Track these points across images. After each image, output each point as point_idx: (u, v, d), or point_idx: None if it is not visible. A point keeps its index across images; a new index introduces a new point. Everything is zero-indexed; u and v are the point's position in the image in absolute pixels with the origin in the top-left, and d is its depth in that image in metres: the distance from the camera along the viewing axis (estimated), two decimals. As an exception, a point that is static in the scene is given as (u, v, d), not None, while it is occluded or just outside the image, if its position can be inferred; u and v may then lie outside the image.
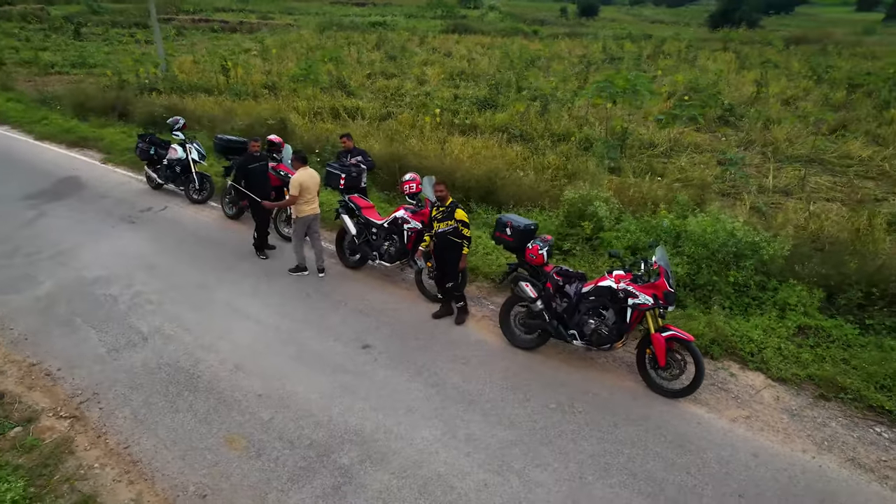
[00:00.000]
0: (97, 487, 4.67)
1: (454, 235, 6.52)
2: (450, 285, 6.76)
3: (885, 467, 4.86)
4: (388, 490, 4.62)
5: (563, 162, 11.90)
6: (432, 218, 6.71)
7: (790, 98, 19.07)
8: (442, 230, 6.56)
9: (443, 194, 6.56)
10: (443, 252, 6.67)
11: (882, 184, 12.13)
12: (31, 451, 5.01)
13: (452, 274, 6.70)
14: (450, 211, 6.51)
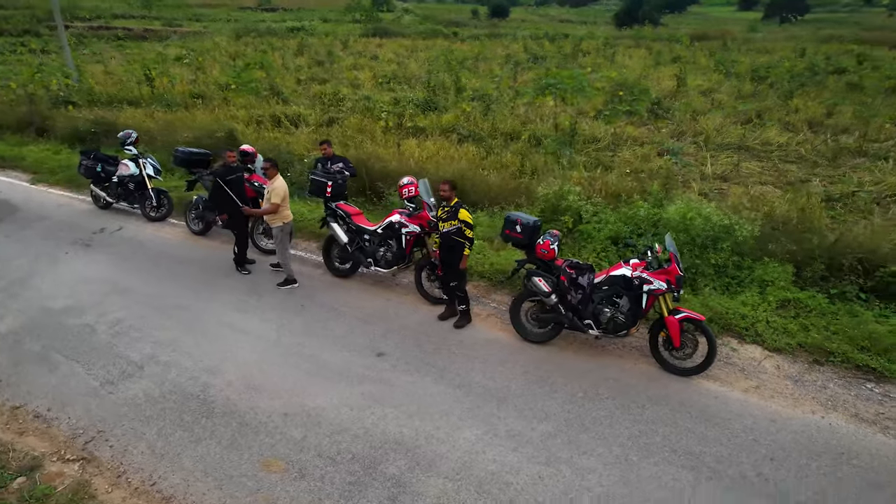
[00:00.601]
0: (134, 530, 4.32)
1: (457, 236, 6.55)
2: (453, 285, 6.77)
3: (884, 419, 5.37)
4: (446, 494, 4.58)
5: (519, 160, 12.14)
6: (437, 218, 6.70)
7: (706, 91, 20.52)
8: (446, 230, 6.57)
9: (447, 194, 6.57)
10: (446, 252, 6.69)
11: (802, 166, 13.26)
12: (44, 500, 4.55)
13: (455, 274, 6.72)
14: (454, 211, 6.53)
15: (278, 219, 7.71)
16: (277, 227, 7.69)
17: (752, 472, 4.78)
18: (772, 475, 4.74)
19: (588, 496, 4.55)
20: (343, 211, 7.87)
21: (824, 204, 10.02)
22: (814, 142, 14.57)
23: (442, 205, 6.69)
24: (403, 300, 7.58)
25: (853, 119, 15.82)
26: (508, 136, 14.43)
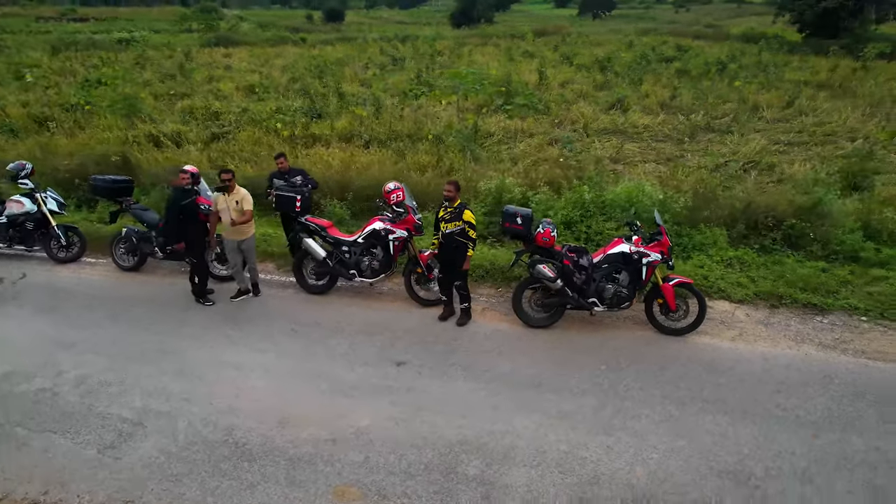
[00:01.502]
0: None
1: (461, 236, 6.61)
2: (457, 284, 6.83)
3: (840, 342, 6.45)
4: (533, 481, 4.69)
5: (436, 159, 12.34)
6: (439, 219, 6.70)
7: (564, 82, 22.38)
8: (450, 231, 6.60)
9: (451, 195, 6.59)
10: (450, 253, 6.71)
11: (670, 144, 15.07)
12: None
13: (460, 274, 6.78)
14: (458, 212, 6.58)
15: (249, 229, 7.23)
16: (244, 239, 7.23)
17: (771, 405, 5.49)
18: (786, 404, 5.49)
19: (657, 454, 4.93)
20: (315, 224, 7.52)
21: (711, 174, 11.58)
22: (672, 122, 16.65)
23: (444, 205, 6.70)
24: (395, 307, 7.45)
25: (693, 100, 18.28)
26: (408, 138, 14.47)
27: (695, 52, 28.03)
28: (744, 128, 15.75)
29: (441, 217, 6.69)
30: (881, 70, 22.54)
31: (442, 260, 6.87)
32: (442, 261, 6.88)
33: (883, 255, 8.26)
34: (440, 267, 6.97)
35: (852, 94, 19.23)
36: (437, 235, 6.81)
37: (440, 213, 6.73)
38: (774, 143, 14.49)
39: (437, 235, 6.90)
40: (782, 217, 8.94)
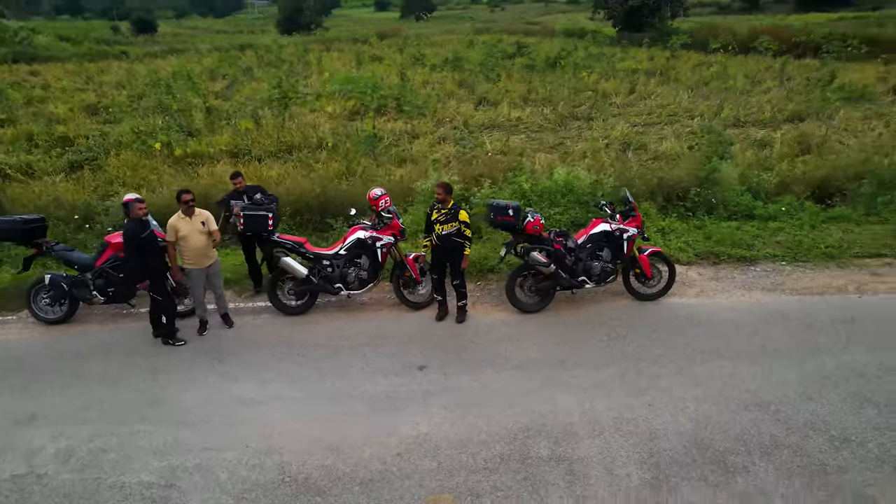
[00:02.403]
0: None
1: (458, 236, 6.69)
2: (456, 283, 6.89)
3: (777, 285, 7.64)
4: (605, 447, 4.98)
5: (344, 166, 12.13)
6: (433, 221, 6.68)
7: (425, 82, 23.07)
8: (446, 232, 6.64)
9: (443, 197, 6.63)
10: (447, 253, 6.76)
11: (546, 134, 16.27)
12: None
13: (458, 273, 6.85)
14: (453, 213, 6.64)
15: (214, 253, 6.70)
16: (212, 264, 6.71)
17: (753, 345, 6.38)
18: (764, 342, 6.42)
19: (691, 403, 5.49)
20: (291, 242, 7.09)
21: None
22: (539, 113, 17.98)
23: (436, 207, 6.71)
24: (385, 315, 7.31)
25: (550, 92, 19.93)
26: (299, 148, 13.95)
27: (533, 48, 30.19)
28: (602, 114, 17.45)
29: (435, 219, 6.71)
30: (686, 58, 26.31)
31: (437, 261, 6.89)
32: (437, 262, 6.90)
33: (770, 209, 9.85)
34: (434, 268, 6.97)
35: (675, 79, 22.24)
36: (429, 238, 6.85)
37: (433, 216, 6.74)
38: (633, 126, 16.29)
39: (427, 238, 6.92)
40: (687, 187, 10.26)
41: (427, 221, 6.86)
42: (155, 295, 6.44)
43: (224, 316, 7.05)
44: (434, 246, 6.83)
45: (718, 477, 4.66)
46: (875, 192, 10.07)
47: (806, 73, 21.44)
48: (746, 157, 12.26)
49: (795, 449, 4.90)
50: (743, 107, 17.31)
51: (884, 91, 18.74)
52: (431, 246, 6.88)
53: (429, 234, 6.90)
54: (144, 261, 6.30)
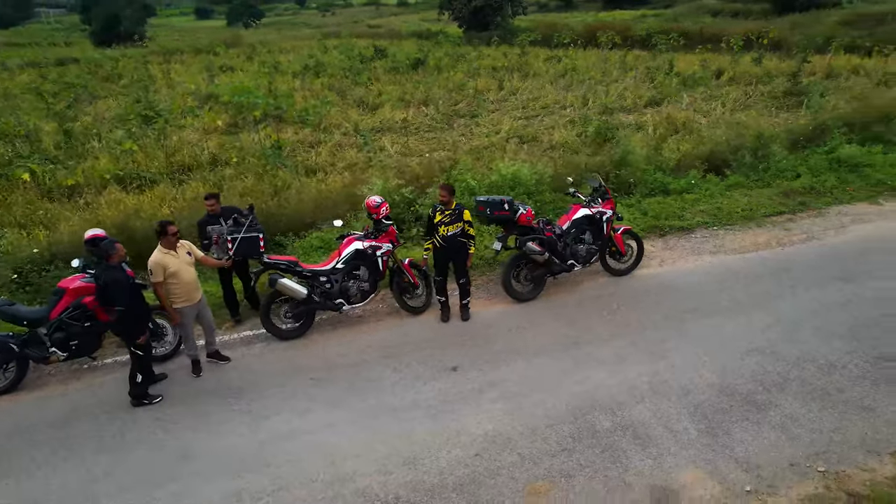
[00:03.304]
0: None
1: (462, 236, 6.75)
2: (462, 281, 6.94)
3: (720, 248, 8.73)
4: (655, 409, 5.45)
5: (263, 181, 11.57)
6: (437, 223, 6.68)
7: (291, 90, 22.30)
8: (452, 233, 6.69)
9: (447, 199, 6.64)
10: (452, 254, 6.81)
11: (439, 133, 16.51)
12: None
13: (464, 271, 6.91)
14: (457, 213, 6.69)
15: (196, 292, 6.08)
16: (201, 297, 6.12)
17: (727, 301, 7.27)
18: (734, 296, 7.35)
19: (706, 358, 6.17)
20: (284, 262, 6.66)
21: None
22: (422, 113, 18.28)
23: (440, 209, 6.71)
24: (389, 323, 7.19)
25: (424, 92, 20.19)
26: (192, 168, 13.00)
27: (391, 50, 30.56)
28: (481, 110, 18.21)
29: (440, 221, 6.72)
30: (536, 54, 28.20)
31: (441, 262, 6.92)
32: (441, 263, 6.93)
33: (681, 184, 11.15)
34: (438, 269, 6.99)
35: (534, 74, 23.52)
36: (431, 240, 6.86)
37: (437, 218, 6.74)
38: (516, 119, 17.26)
39: (428, 240, 6.92)
40: (608, 170, 11.26)
41: (429, 224, 6.85)
42: (136, 350, 5.67)
43: (215, 353, 6.44)
44: (438, 247, 6.84)
45: (755, 415, 5.35)
46: (755, 161, 11.84)
47: (643, 63, 24.14)
48: (634, 141, 13.62)
49: (799, 380, 5.77)
50: (605, 95, 18.99)
51: (710, 75, 21.65)
52: (434, 248, 6.89)
53: (430, 237, 6.90)
54: (139, 308, 5.55)
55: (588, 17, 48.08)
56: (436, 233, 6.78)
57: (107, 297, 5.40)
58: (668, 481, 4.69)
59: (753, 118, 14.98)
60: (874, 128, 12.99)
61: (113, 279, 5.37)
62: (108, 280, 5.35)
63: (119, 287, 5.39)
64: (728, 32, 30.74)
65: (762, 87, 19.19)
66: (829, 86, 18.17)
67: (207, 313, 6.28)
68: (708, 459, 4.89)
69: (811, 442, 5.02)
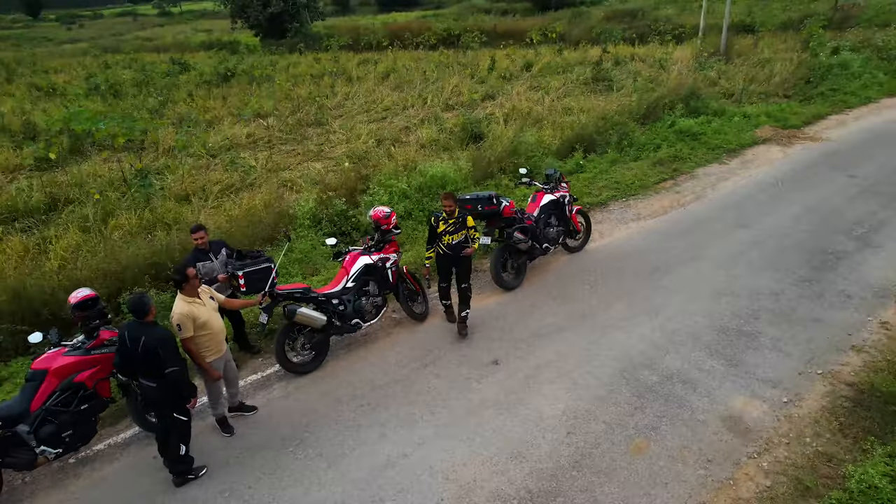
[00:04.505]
0: None
1: (466, 243, 6.71)
2: (464, 286, 6.87)
3: (640, 214, 10.03)
4: (682, 358, 6.27)
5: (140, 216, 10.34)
6: (442, 232, 6.59)
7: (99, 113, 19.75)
8: (457, 241, 6.66)
9: (452, 208, 6.56)
10: (456, 261, 6.75)
11: (296, 144, 16.09)
12: None
13: (466, 277, 6.85)
14: (461, 221, 6.64)
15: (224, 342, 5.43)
16: (224, 352, 5.43)
17: (675, 259, 8.48)
18: (680, 254, 8.59)
19: (694, 307, 7.20)
20: (299, 290, 6.12)
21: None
22: (265, 125, 17.21)
23: (443, 218, 6.59)
24: (399, 337, 7.02)
25: (256, 105, 19.23)
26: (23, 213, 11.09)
27: (194, 63, 28.45)
28: (327, 117, 17.85)
29: (444, 231, 6.63)
30: (347, 58, 28.46)
31: (444, 269, 6.91)
32: (444, 270, 6.92)
33: (570, 166, 12.44)
34: (442, 275, 6.94)
35: (358, 77, 23.58)
36: (433, 248, 6.78)
37: (441, 228, 6.62)
38: (366, 123, 17.18)
39: (430, 248, 6.82)
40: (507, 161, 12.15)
41: (431, 234, 6.73)
42: (179, 416, 4.85)
43: (239, 405, 5.74)
44: (442, 255, 6.80)
45: (752, 343, 6.49)
46: (619, 140, 13.66)
47: (455, 61, 25.69)
48: (501, 131, 14.67)
49: (764, 310, 7.09)
50: (440, 93, 19.82)
51: (520, 69, 23.93)
52: (437, 255, 6.82)
53: (432, 246, 6.81)
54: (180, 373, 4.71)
55: (376, 20, 48.35)
56: (439, 242, 6.70)
57: (150, 362, 4.53)
58: (728, 410, 5.52)
59: (581, 101, 16.99)
60: (691, 103, 15.79)
61: (161, 338, 4.52)
62: (156, 341, 4.49)
63: (171, 346, 4.55)
64: (520, 29, 34.48)
65: (568, 74, 21.54)
66: (622, 71, 21.27)
67: (232, 363, 5.56)
68: (744, 385, 5.84)
69: (800, 354, 6.27)
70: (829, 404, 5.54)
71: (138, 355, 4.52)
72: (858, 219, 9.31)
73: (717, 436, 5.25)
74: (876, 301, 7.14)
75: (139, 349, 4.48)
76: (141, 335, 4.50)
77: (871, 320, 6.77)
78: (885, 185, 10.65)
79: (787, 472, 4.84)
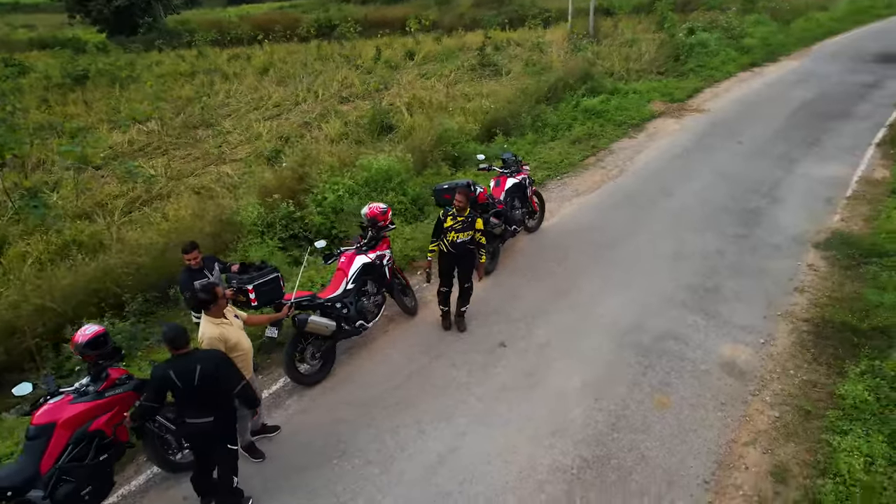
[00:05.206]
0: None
1: (471, 244, 6.54)
2: (466, 286, 6.81)
3: (578, 190, 10.64)
4: (669, 315, 6.89)
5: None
6: (448, 228, 6.40)
7: None
8: (462, 240, 6.43)
9: (464, 204, 6.35)
10: (459, 260, 6.59)
11: (190, 149, 15.17)
12: None
13: (468, 276, 6.76)
14: (471, 221, 6.43)
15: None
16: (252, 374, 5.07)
17: (622, 229, 9.16)
18: (625, 223, 9.28)
19: (658, 273, 7.86)
20: (304, 299, 5.81)
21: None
22: (146, 130, 16.01)
23: (451, 214, 6.39)
24: (399, 330, 6.94)
25: (127, 110, 17.77)
26: None
27: (32, 66, 25.20)
28: (216, 117, 17.00)
29: (451, 227, 6.39)
30: (214, 54, 26.84)
31: (446, 268, 6.65)
32: (446, 269, 6.66)
33: (494, 150, 12.80)
34: (443, 276, 6.71)
35: (234, 74, 22.31)
36: (437, 244, 6.57)
37: (447, 223, 6.43)
38: (260, 121, 16.43)
39: (434, 242, 6.60)
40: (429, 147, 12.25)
41: (437, 226, 6.54)
42: (231, 446, 4.47)
43: (262, 427, 5.37)
44: (445, 252, 6.57)
45: (719, 296, 7.27)
46: (533, 122, 14.30)
47: (335, 52, 25.20)
48: (413, 120, 14.67)
49: (719, 265, 7.94)
50: (329, 86, 19.39)
51: (403, 57, 23.74)
52: (440, 252, 6.63)
53: (437, 239, 6.64)
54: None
55: (228, 12, 45.05)
56: (444, 237, 6.51)
57: (211, 392, 4.13)
58: (721, 358, 6.19)
59: (476, 87, 17.49)
60: (588, 83, 16.88)
61: (216, 359, 4.15)
62: (213, 364, 4.12)
63: (229, 363, 4.21)
64: (391, 17, 34.42)
65: (453, 61, 21.90)
66: (503, 55, 22.16)
67: (257, 382, 5.16)
68: (725, 333, 6.57)
69: (759, 301, 7.15)
70: (797, 339, 6.42)
71: (195, 389, 4.07)
72: (760, 179, 10.67)
73: (721, 381, 5.88)
74: (798, 248, 8.30)
75: (195, 381, 4.04)
76: (193, 365, 4.05)
77: (800, 265, 7.87)
78: (768, 147, 12.26)
79: (788, 401, 5.57)
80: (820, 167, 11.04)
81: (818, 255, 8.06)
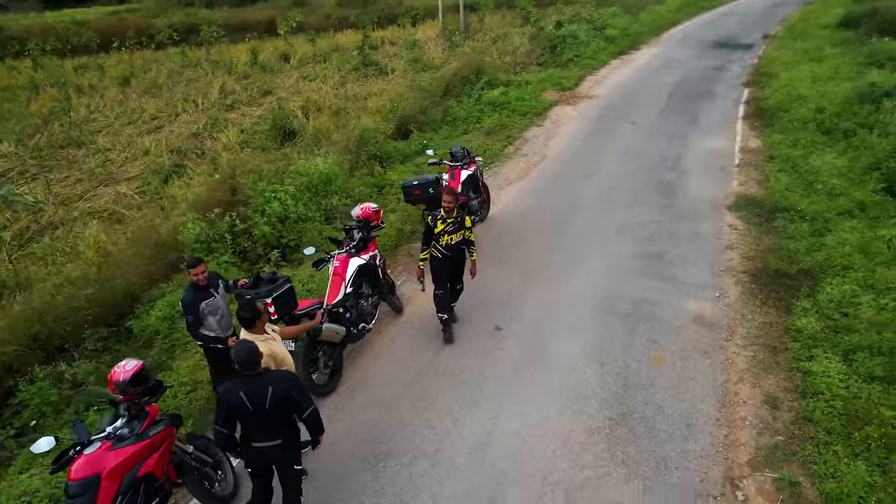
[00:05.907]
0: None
1: (463, 244, 6.47)
2: (459, 287, 6.82)
3: (510, 179, 11.13)
4: (636, 283, 7.56)
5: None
6: (440, 233, 6.27)
7: None
8: (455, 242, 6.34)
9: (452, 206, 6.25)
10: (453, 262, 6.48)
11: (67, 170, 13.89)
12: None
13: (461, 279, 6.74)
14: (460, 221, 6.34)
15: None
16: None
17: (565, 211, 9.80)
18: (565, 205, 9.93)
19: (616, 247, 8.56)
20: (315, 306, 5.62)
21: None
22: (7, 153, 14.40)
23: (441, 218, 6.26)
24: (394, 329, 6.89)
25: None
26: None
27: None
28: (85, 133, 15.58)
29: (443, 230, 6.25)
30: (56, 64, 23.67)
31: (442, 274, 6.45)
32: (442, 275, 6.45)
33: (413, 147, 12.97)
34: (439, 282, 6.49)
35: (89, 86, 20.20)
36: (428, 250, 6.43)
37: (439, 228, 6.26)
38: (141, 136, 15.29)
39: (425, 250, 6.46)
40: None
41: (428, 234, 6.34)
42: (297, 466, 4.24)
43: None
44: (440, 257, 6.39)
45: (670, 260, 8.09)
46: (443, 117, 14.64)
47: (202, 57, 23.85)
48: (320, 123, 14.43)
49: (661, 232, 8.81)
50: (207, 94, 18.37)
51: (277, 60, 22.97)
52: (433, 258, 6.47)
53: (427, 247, 6.43)
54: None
55: (47, 17, 39.77)
56: (437, 243, 6.34)
57: (283, 415, 3.93)
58: (691, 314, 6.96)
59: (365, 87, 17.59)
60: (482, 77, 17.53)
61: (289, 380, 3.94)
62: (287, 385, 3.89)
63: (300, 384, 3.98)
64: (253, 21, 32.93)
65: (330, 62, 21.70)
66: (381, 54, 22.39)
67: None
68: (686, 292, 7.38)
69: (702, 260, 8.09)
70: (744, 290, 7.40)
71: (268, 412, 3.81)
72: (662, 155, 11.92)
73: (698, 333, 6.63)
74: (715, 211, 9.47)
75: (267, 404, 3.78)
76: (266, 387, 3.79)
77: (722, 226, 9.01)
78: (658, 126, 13.69)
79: (755, 342, 6.45)
80: (707, 141, 12.58)
81: (733, 216, 9.27)
